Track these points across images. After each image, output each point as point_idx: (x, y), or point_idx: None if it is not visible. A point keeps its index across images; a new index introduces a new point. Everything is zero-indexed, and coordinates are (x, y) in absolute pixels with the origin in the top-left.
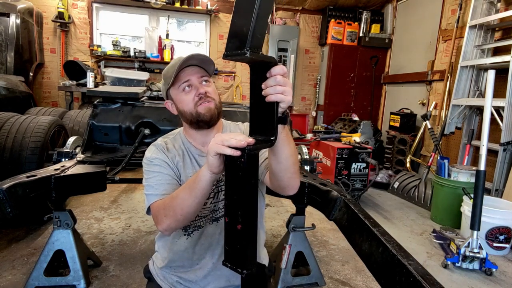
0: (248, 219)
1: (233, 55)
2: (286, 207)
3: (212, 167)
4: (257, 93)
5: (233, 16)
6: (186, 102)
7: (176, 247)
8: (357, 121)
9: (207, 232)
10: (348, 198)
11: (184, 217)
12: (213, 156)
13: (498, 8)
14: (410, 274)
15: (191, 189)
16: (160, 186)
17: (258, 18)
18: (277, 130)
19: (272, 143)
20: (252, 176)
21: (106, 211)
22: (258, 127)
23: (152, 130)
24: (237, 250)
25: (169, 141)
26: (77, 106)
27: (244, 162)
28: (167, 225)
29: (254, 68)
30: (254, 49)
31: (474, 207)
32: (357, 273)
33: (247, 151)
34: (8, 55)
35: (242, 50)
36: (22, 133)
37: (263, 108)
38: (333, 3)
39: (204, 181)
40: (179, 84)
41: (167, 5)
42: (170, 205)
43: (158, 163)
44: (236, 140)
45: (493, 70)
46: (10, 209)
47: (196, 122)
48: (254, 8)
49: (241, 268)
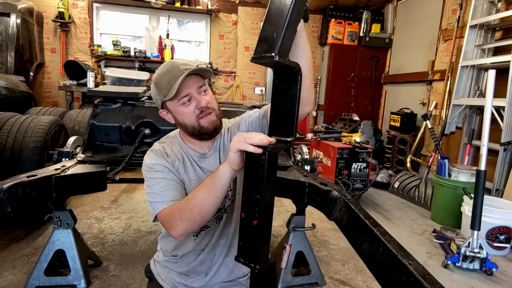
0: (265, 216)
1: (261, 58)
2: (287, 207)
3: (233, 164)
4: (279, 96)
5: (264, 22)
6: (187, 115)
7: (183, 248)
8: (358, 121)
9: (212, 230)
10: (348, 198)
11: (202, 218)
12: (234, 153)
13: (499, 8)
14: (410, 274)
15: (210, 188)
16: (167, 193)
17: (289, 25)
18: (296, 133)
19: (291, 145)
20: (271, 174)
21: (107, 211)
22: (278, 128)
23: (152, 130)
24: (251, 246)
25: (166, 146)
26: (77, 106)
27: (265, 160)
28: (184, 229)
29: (278, 73)
30: (282, 54)
31: (474, 207)
32: (358, 273)
33: (269, 149)
34: (8, 55)
35: (270, 54)
36: (22, 133)
37: (284, 111)
38: (334, 3)
39: (224, 179)
40: (178, 98)
41: (167, 5)
42: (187, 208)
43: (159, 169)
44: (259, 139)
45: (494, 70)
46: (10, 209)
47: (199, 134)
48: (287, 15)
49: (254, 264)
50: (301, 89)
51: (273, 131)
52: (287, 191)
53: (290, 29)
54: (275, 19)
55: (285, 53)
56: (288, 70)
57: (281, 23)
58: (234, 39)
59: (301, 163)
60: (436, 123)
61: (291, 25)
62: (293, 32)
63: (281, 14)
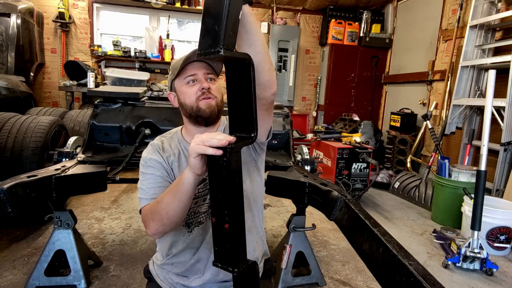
0: (235, 218)
1: (207, 54)
2: (287, 207)
3: (194, 169)
4: (234, 91)
5: (204, 14)
6: (188, 94)
7: (178, 244)
8: (358, 121)
9: (208, 226)
10: (348, 198)
11: (170, 221)
12: (194, 158)
13: (499, 8)
14: (410, 274)
15: (174, 193)
16: (151, 190)
17: (229, 14)
18: (257, 127)
19: (253, 140)
20: (235, 174)
21: (107, 211)
22: (238, 125)
23: (152, 130)
24: (227, 250)
25: (165, 140)
26: (77, 106)
27: (226, 161)
28: (155, 229)
29: (230, 66)
30: (228, 46)
31: (474, 207)
32: (358, 273)
33: (229, 149)
34: (8, 55)
35: (215, 49)
36: (22, 133)
37: (241, 106)
38: (334, 3)
39: (187, 183)
40: (184, 76)
41: (167, 5)
42: (156, 210)
43: (152, 164)
44: (217, 140)
45: (494, 70)
46: (10, 209)
47: (195, 117)
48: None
49: (232, 267)
50: (255, 80)
51: (234, 128)
52: (287, 191)
53: (232, 18)
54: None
55: (231, 45)
56: (238, 63)
57: (220, 13)
58: None
59: (301, 163)
60: (436, 123)
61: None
62: (236, 20)
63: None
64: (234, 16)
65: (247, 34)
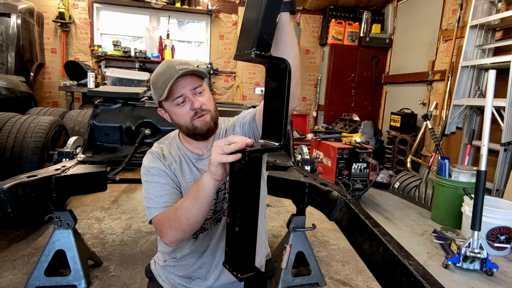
0: (247, 222)
1: (240, 55)
2: (287, 207)
3: (216, 176)
4: (269, 95)
5: (244, 17)
6: (181, 115)
7: (183, 249)
8: (358, 121)
9: (212, 232)
10: (348, 198)
11: (191, 227)
12: (216, 166)
13: (499, 8)
14: (411, 274)
15: (195, 198)
16: (160, 198)
17: (264, 18)
18: (286, 135)
19: (278, 149)
20: (252, 179)
21: (107, 211)
22: (269, 130)
23: (152, 130)
24: (235, 253)
25: (164, 147)
26: (77, 106)
27: (244, 164)
28: (174, 237)
29: (269, 69)
30: (261, 49)
31: (474, 207)
32: (358, 273)
33: (247, 152)
34: (9, 55)
35: (248, 51)
36: (22, 133)
37: (274, 111)
38: (334, 3)
39: (208, 189)
40: (172, 98)
41: (167, 5)
42: (175, 217)
43: (155, 172)
44: (234, 145)
45: (494, 70)
46: (10, 209)
47: (193, 135)
48: (261, 7)
49: (237, 272)
50: (289, 87)
51: (265, 133)
52: (288, 191)
53: (267, 23)
54: (251, 12)
55: (264, 48)
56: (275, 67)
57: (256, 15)
58: (234, 40)
59: (302, 163)
60: (437, 123)
61: (267, 18)
62: (272, 25)
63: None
64: (270, 20)
65: (282, 43)
